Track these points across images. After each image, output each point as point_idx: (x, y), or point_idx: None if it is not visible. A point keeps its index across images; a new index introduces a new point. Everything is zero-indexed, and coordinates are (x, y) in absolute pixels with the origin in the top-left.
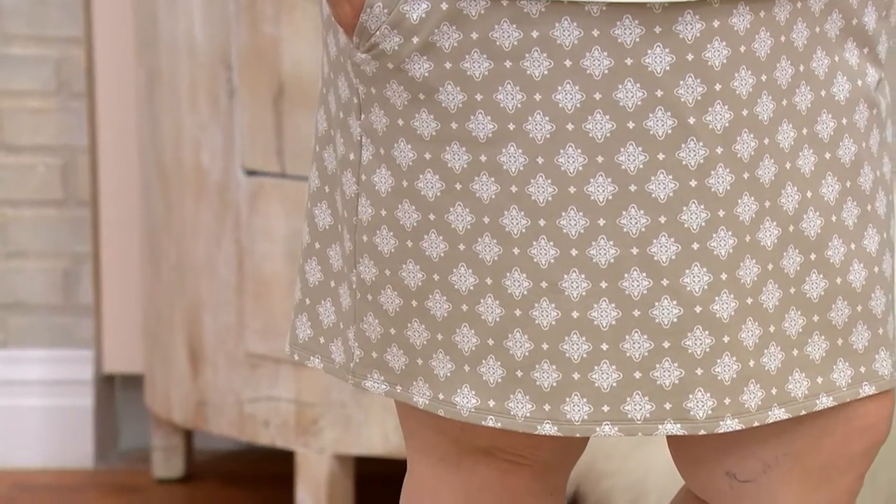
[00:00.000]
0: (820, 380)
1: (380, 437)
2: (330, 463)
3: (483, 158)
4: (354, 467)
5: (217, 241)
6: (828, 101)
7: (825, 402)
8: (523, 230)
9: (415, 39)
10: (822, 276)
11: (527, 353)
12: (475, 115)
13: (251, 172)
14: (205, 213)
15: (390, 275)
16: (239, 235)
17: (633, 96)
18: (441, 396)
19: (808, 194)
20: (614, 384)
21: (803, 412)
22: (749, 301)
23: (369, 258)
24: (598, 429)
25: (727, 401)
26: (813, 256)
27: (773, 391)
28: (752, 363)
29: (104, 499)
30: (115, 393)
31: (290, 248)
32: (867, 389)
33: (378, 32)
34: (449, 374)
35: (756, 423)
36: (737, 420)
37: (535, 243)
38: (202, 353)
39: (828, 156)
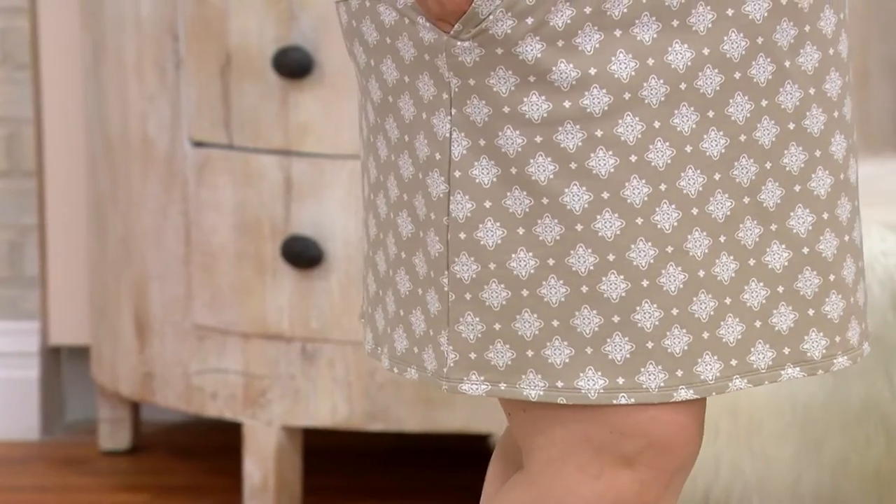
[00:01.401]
0: (838, 338)
1: (328, 409)
2: (278, 435)
3: (599, 133)
4: (302, 439)
5: (164, 212)
6: (835, 59)
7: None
8: (645, 198)
9: (529, 20)
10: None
11: (657, 323)
12: (590, 89)
13: (198, 144)
14: (152, 184)
15: (496, 268)
16: (186, 207)
17: (737, 46)
18: (560, 384)
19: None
20: (739, 336)
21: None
22: (846, 238)
23: (468, 255)
24: (729, 384)
25: (838, 338)
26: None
27: (864, 325)
28: (851, 300)
29: (50, 471)
30: (62, 365)
31: (238, 220)
32: (867, 348)
33: (490, 17)
34: (567, 360)
35: (858, 359)
36: (847, 356)
37: (657, 209)
38: (149, 324)
39: (836, 114)
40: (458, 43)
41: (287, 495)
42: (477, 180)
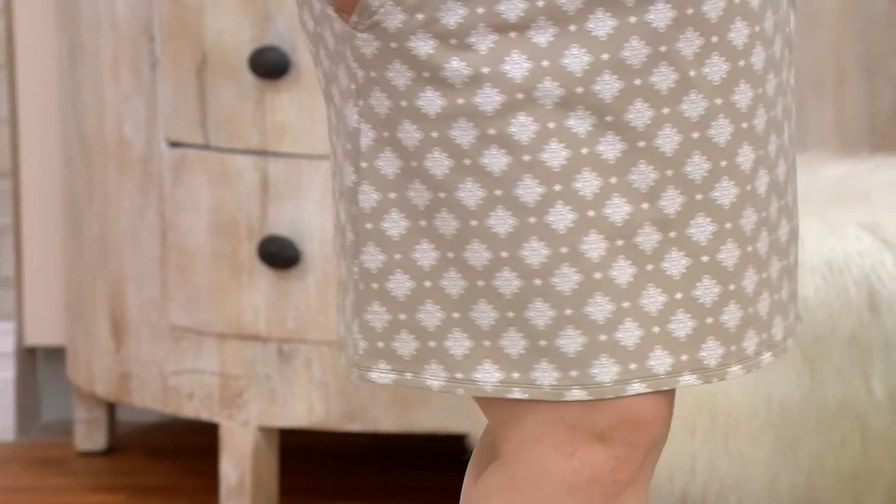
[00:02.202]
0: (765, 335)
1: (304, 409)
2: (254, 435)
3: (491, 132)
4: (279, 440)
5: (140, 212)
6: (783, 52)
7: (767, 358)
8: (538, 198)
9: (419, 16)
10: (766, 232)
11: (549, 322)
12: (482, 88)
13: (174, 144)
14: (128, 184)
15: (401, 258)
16: (162, 207)
17: (638, 53)
18: (459, 376)
19: (780, 141)
20: (638, 341)
21: (780, 356)
22: (749, 249)
23: (375, 245)
24: (627, 388)
25: (733, 348)
26: (782, 202)
27: (764, 336)
28: (750, 310)
29: (26, 471)
30: (37, 365)
31: (214, 220)
32: (791, 343)
33: (382, 10)
34: (467, 352)
35: (754, 369)
36: (740, 366)
37: (550, 210)
38: (125, 325)
39: (789, 101)
40: (359, 34)
41: (263, 495)
42: (382, 171)
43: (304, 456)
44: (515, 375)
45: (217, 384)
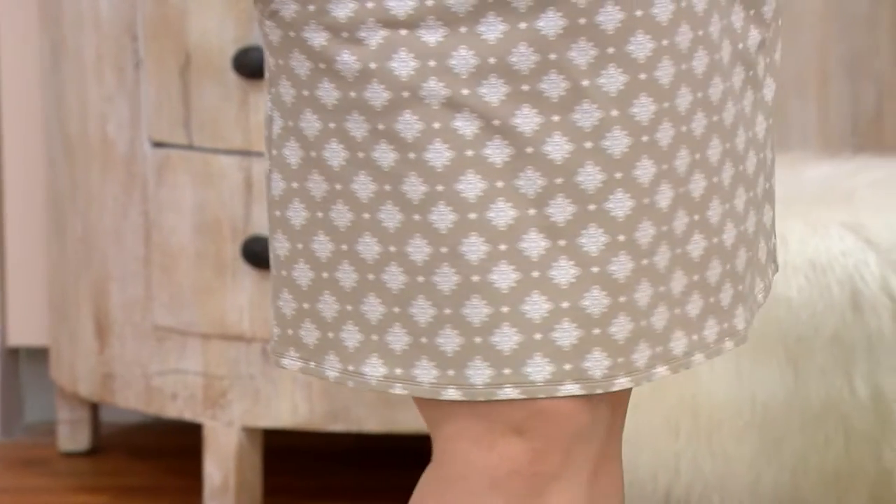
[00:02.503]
0: (695, 337)
1: (288, 409)
2: (238, 435)
3: (381, 127)
4: (263, 440)
5: (124, 212)
6: (719, 64)
7: (699, 358)
8: (422, 196)
9: (311, 7)
10: (702, 236)
11: (430, 320)
12: (371, 83)
13: (158, 144)
14: (111, 184)
15: (302, 248)
16: (146, 207)
17: (526, 59)
18: (350, 368)
19: (697, 156)
20: (515, 346)
21: (682, 369)
22: (644, 262)
23: (282, 233)
24: (499, 392)
25: (621, 359)
26: (696, 217)
27: (658, 350)
28: (643, 323)
29: (9, 472)
30: (20, 366)
31: (198, 220)
32: (728, 345)
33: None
34: (358, 345)
35: (644, 381)
36: (629, 378)
37: (433, 209)
38: (109, 325)
39: (715, 118)
40: (266, 22)
41: (247, 496)
42: (287, 160)
43: (287, 456)
44: (398, 371)
45: (201, 384)
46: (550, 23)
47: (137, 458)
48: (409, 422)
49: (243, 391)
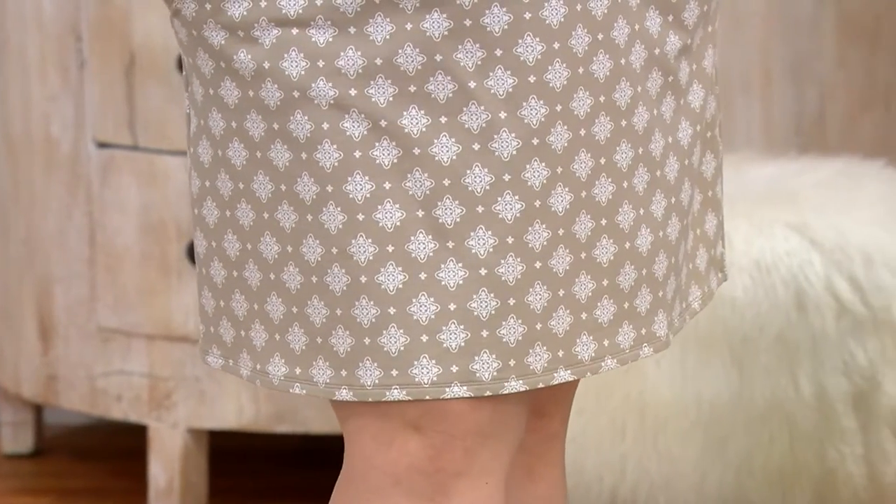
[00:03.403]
0: (606, 342)
1: (234, 410)
2: (184, 437)
3: (276, 126)
4: (208, 441)
5: (68, 213)
6: (626, 68)
7: (610, 364)
8: (314, 196)
9: (207, 6)
10: (611, 241)
11: (324, 320)
12: (265, 83)
13: (102, 144)
14: (55, 185)
15: (216, 246)
16: (90, 208)
17: (412, 60)
18: (258, 367)
19: (602, 161)
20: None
21: (589, 374)
22: (538, 265)
23: (200, 231)
24: (387, 393)
25: (512, 362)
26: (604, 222)
27: (560, 353)
28: (539, 326)
29: None
30: None
31: (143, 221)
32: (646, 351)
33: None
34: (264, 344)
35: (541, 385)
36: (521, 381)
37: (324, 209)
38: (53, 326)
39: (624, 123)
40: (174, 20)
41: (193, 498)
42: (201, 158)
43: (233, 457)
44: (297, 371)
45: (146, 386)
46: (436, 24)
47: (81, 459)
48: None
49: (189, 392)
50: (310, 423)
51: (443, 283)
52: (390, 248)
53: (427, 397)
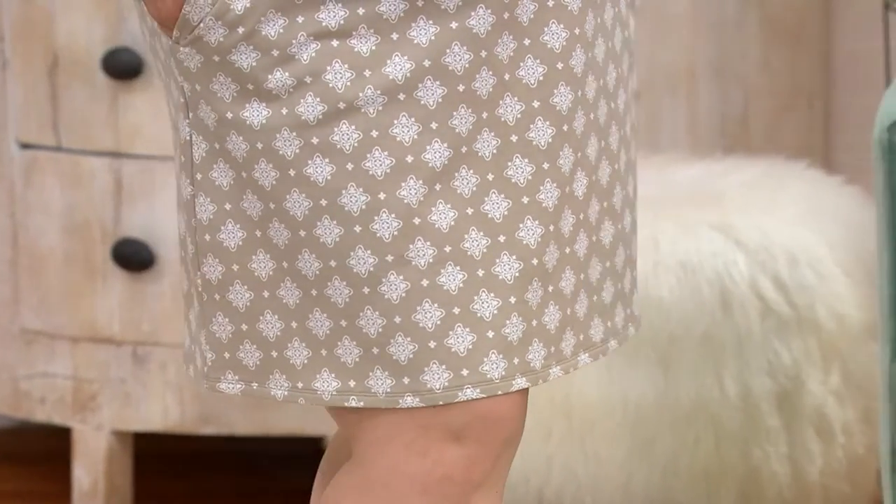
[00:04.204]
0: (581, 336)
1: (159, 413)
2: (108, 439)
3: (315, 140)
4: (133, 444)
5: None
6: (593, 62)
7: (584, 358)
8: (363, 206)
9: (240, 30)
10: (585, 234)
11: (380, 330)
12: (305, 97)
13: (26, 145)
14: None
15: (238, 269)
16: (13, 209)
17: (460, 59)
18: (300, 385)
19: (578, 154)
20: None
21: (572, 370)
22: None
23: (214, 256)
24: (459, 394)
25: (553, 349)
26: (581, 216)
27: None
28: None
29: None
30: None
31: (66, 223)
32: (613, 344)
33: (202, 24)
34: (306, 361)
35: (500, 392)
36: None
37: (376, 218)
38: None
39: (592, 117)
40: (181, 48)
41: (117, 501)
42: (216, 183)
43: (158, 460)
44: (352, 384)
45: (70, 388)
46: (481, 20)
47: (5, 462)
48: (281, 424)
49: (113, 395)
50: (235, 424)
51: (500, 277)
52: (448, 249)
53: (499, 392)
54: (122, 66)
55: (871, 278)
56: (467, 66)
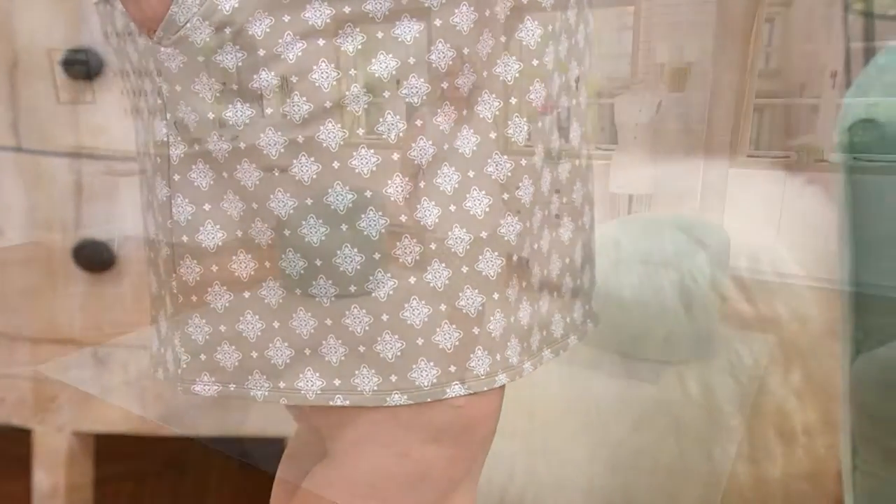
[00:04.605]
0: (545, 332)
1: (121, 413)
2: (69, 440)
3: (301, 139)
4: (94, 445)
5: None
6: (575, 49)
7: (547, 354)
8: (350, 205)
9: (227, 30)
10: (548, 230)
11: (367, 328)
12: (291, 97)
13: None
14: None
15: (217, 270)
16: None
17: (444, 57)
18: (282, 385)
19: (545, 151)
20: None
21: (536, 368)
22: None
23: (191, 258)
24: (447, 390)
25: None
26: (546, 212)
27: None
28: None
29: None
30: None
31: (26, 223)
32: (573, 340)
33: (188, 24)
34: (288, 361)
35: (485, 388)
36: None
37: (363, 216)
38: None
39: (575, 102)
40: (162, 49)
41: (78, 501)
42: (195, 183)
43: (119, 461)
44: (337, 382)
45: (30, 389)
46: (464, 17)
47: None
48: (244, 425)
49: (74, 395)
50: (197, 425)
51: (483, 273)
52: (433, 246)
53: (484, 388)
54: (83, 67)
55: (833, 278)
56: (450, 63)
